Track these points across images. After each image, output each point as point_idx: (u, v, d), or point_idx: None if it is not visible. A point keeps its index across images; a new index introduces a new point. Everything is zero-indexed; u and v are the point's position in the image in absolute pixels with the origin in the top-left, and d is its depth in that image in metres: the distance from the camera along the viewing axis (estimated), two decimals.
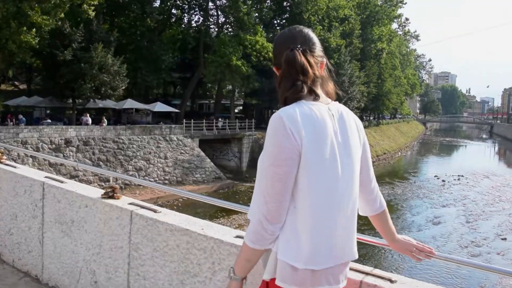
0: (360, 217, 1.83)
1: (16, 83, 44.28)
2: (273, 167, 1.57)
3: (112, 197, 2.98)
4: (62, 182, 3.37)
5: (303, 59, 1.65)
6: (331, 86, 1.78)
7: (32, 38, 28.24)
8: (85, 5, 28.08)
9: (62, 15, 27.83)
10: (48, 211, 3.32)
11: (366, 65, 59.00)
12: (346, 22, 53.92)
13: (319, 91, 1.69)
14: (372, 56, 61.75)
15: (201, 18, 48.31)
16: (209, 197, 2.83)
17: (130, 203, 2.89)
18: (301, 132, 1.55)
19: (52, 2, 27.73)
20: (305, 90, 1.64)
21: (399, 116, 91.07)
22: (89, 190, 3.18)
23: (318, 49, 1.75)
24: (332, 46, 48.88)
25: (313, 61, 1.68)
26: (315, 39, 1.76)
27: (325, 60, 1.77)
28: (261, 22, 43.88)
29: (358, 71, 53.75)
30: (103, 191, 3.04)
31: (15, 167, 3.81)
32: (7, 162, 3.96)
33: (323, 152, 1.59)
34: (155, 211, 2.74)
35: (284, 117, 1.57)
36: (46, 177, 3.51)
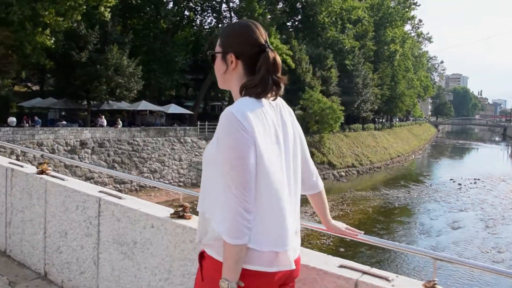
0: (378, 222, 1.78)
1: (29, 84, 44.27)
2: (236, 160, 1.62)
3: (182, 216, 2.69)
4: (120, 198, 3.06)
5: (278, 59, 1.78)
6: None
7: (47, 39, 28.20)
8: (102, 7, 27.92)
9: (79, 16, 27.74)
10: (105, 229, 3.04)
11: (379, 67, 58.52)
12: (359, 24, 53.50)
13: None
14: (385, 58, 61.25)
15: (214, 20, 48.22)
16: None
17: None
18: (252, 125, 1.64)
19: (67, 4, 27.67)
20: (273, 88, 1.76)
21: (412, 119, 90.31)
22: (155, 208, 2.85)
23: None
24: (346, 47, 48.51)
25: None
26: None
27: None
28: (274, 24, 43.57)
29: (371, 73, 53.30)
30: (171, 210, 2.76)
31: (63, 179, 3.54)
32: (54, 173, 3.68)
33: (271, 144, 1.70)
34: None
35: (236, 114, 1.64)
36: (100, 191, 3.22)
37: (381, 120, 67.92)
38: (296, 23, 49.35)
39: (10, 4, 27.07)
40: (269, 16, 41.50)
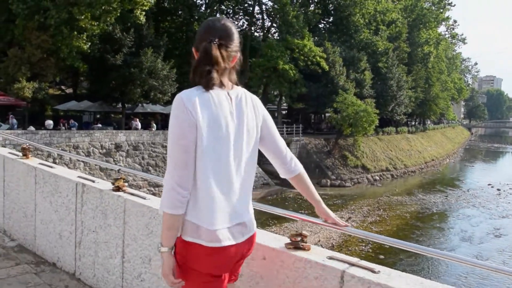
0: (417, 228, 1.54)
1: (63, 87, 44.73)
2: (177, 140, 1.81)
3: (300, 247, 2.30)
4: (373, 270, 2.54)
5: (217, 52, 1.87)
6: (234, 76, 1.99)
7: (83, 43, 28.39)
8: (137, 11, 27.93)
9: (113, 20, 27.81)
10: None
11: (413, 69, 57.30)
12: (393, 25, 52.49)
13: (225, 80, 1.92)
14: (419, 60, 59.94)
15: (246, 23, 47.99)
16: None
17: (330, 257, 2.19)
18: (198, 111, 1.80)
19: (102, 8, 27.80)
20: (218, 79, 1.88)
21: (445, 121, 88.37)
22: (266, 237, 2.44)
23: (235, 44, 1.95)
24: (380, 49, 47.63)
25: (226, 54, 1.90)
26: (235, 35, 1.95)
27: (238, 54, 1.99)
28: (307, 26, 43.08)
29: (405, 75, 52.22)
30: (286, 240, 2.37)
31: (144, 197, 3.18)
32: (132, 190, 3.33)
33: (217, 130, 1.84)
34: (373, 271, 2.05)
35: (184, 98, 1.83)
36: None
37: (414, 123, 66.52)
38: (329, 25, 48.68)
39: (47, 9, 27.37)
40: (302, 18, 41.00)
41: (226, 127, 1.86)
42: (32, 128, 27.01)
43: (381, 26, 50.23)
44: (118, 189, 3.35)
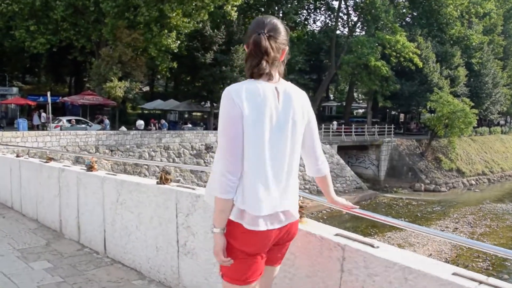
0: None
1: (140, 86, 44.94)
2: (226, 129, 1.95)
3: None
4: (372, 246, 2.31)
5: (267, 43, 1.96)
6: (282, 68, 2.08)
7: (172, 42, 27.77)
8: (228, 6, 26.93)
9: (206, 16, 26.98)
10: None
11: (508, 64, 53.18)
12: (487, 17, 48.79)
13: (274, 72, 2.01)
14: None
15: (328, 18, 46.28)
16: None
17: None
18: (244, 103, 1.91)
19: (194, 4, 27.04)
20: (268, 68, 1.97)
21: None
22: (432, 267, 2.01)
23: (283, 37, 2.03)
24: (474, 44, 44.37)
25: (275, 46, 1.99)
26: (282, 29, 2.04)
27: (286, 48, 2.07)
28: (397, 20, 40.67)
29: (500, 71, 48.45)
30: (455, 268, 2.02)
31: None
32: None
33: (262, 121, 1.94)
34: None
35: (231, 91, 1.94)
36: (339, 235, 2.52)
37: (505, 123, 61.91)
38: (418, 18, 45.80)
39: (137, 6, 26.94)
40: (392, 12, 38.64)
41: (270, 118, 1.95)
42: (124, 128, 26.73)
43: (474, 19, 46.77)
44: None
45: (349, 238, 2.36)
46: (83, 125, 26.28)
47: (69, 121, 26.03)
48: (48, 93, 25.59)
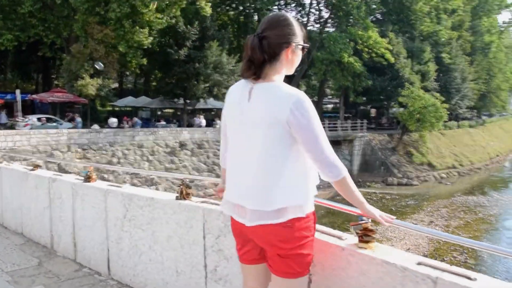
0: None
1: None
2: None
3: None
4: (469, 277, 1.90)
5: (248, 42, 1.91)
6: (278, 68, 1.95)
7: (144, 38, 27.27)
8: (202, 2, 26.58)
9: (178, 12, 26.55)
10: None
11: (474, 60, 54.28)
12: (455, 14, 49.68)
13: (262, 72, 1.90)
14: (480, 50, 56.78)
15: (299, 14, 46.19)
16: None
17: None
18: (226, 98, 2.07)
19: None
20: (246, 70, 1.93)
21: (497, 114, 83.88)
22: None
23: (275, 34, 1.92)
24: (442, 39, 45.11)
25: (267, 45, 1.89)
26: (278, 27, 1.92)
27: (284, 47, 1.95)
28: (368, 16, 40.95)
29: (468, 67, 49.43)
30: None
31: None
32: None
33: (231, 118, 2.03)
34: None
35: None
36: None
37: (473, 117, 63.24)
38: (389, 15, 46.21)
39: (108, 2, 26.34)
40: (364, 9, 38.86)
41: (238, 115, 1.96)
42: (96, 126, 26.15)
43: (443, 15, 47.53)
44: None
45: (436, 268, 2.00)
46: (54, 124, 25.56)
47: (39, 119, 25.28)
48: (17, 91, 24.86)
